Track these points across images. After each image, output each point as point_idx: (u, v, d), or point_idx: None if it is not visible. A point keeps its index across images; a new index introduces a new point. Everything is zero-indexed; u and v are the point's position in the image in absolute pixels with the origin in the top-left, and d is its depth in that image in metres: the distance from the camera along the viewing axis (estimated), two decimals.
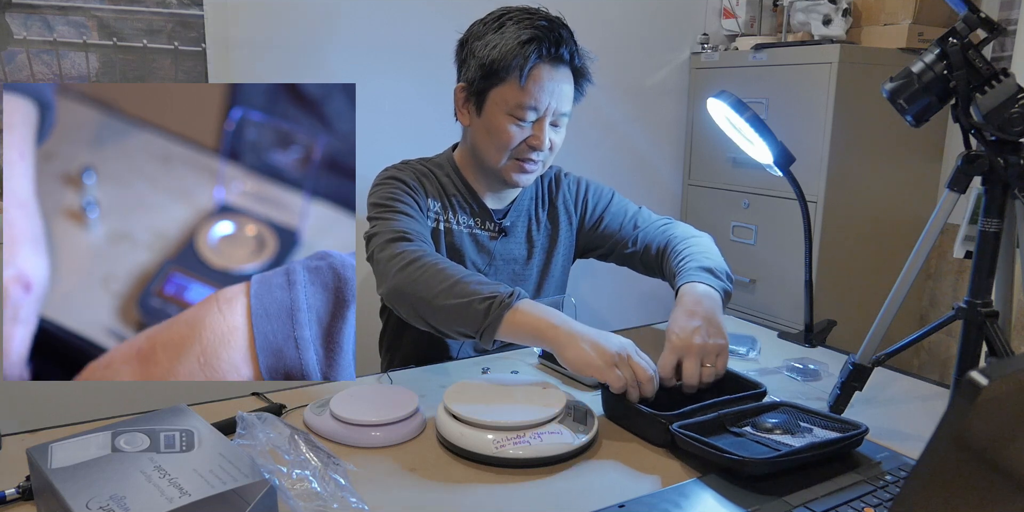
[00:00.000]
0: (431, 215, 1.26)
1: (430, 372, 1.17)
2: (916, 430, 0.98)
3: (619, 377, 0.95)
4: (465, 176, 1.32)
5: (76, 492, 0.65)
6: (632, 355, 0.97)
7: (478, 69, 1.20)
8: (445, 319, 1.03)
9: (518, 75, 1.17)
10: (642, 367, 0.96)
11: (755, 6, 2.41)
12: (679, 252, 1.27)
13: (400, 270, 1.06)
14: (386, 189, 1.23)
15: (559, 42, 1.18)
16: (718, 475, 0.84)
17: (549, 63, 1.19)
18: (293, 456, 0.79)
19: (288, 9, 1.86)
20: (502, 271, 1.35)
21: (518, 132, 1.21)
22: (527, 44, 1.16)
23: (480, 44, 1.20)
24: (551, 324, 0.99)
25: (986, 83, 0.86)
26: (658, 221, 1.39)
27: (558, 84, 1.20)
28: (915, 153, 2.30)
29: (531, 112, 1.20)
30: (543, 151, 1.23)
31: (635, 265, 1.40)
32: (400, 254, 1.08)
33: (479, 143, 1.26)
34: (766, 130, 1.19)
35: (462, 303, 1.00)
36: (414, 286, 1.04)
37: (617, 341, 0.99)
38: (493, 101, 1.21)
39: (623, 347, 0.98)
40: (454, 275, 1.03)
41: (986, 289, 0.93)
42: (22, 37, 1.62)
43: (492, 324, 0.99)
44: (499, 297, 1.00)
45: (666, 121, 2.52)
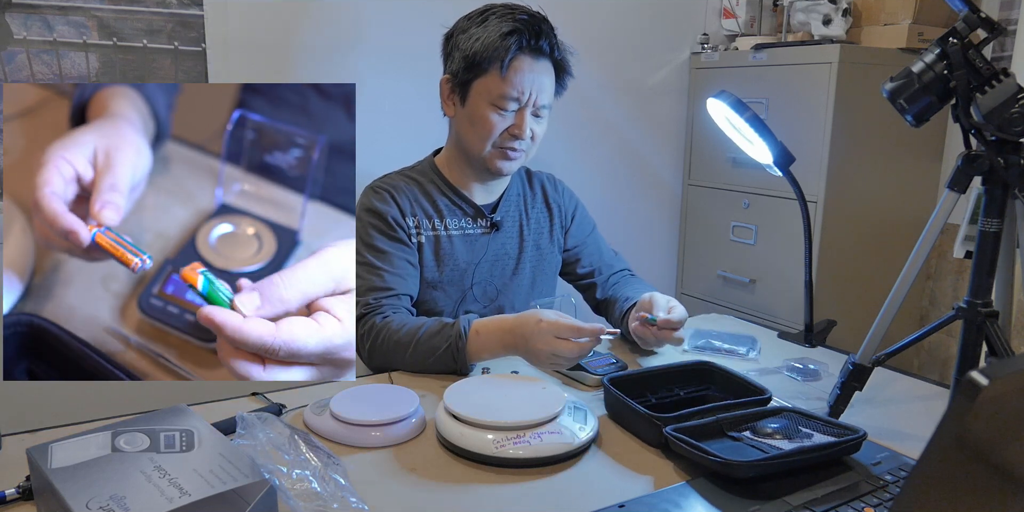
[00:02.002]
0: (413, 232, 1.30)
1: None
2: (916, 430, 0.98)
3: (571, 359, 1.06)
4: (449, 178, 1.36)
5: (76, 492, 0.65)
6: (548, 334, 1.05)
7: (462, 61, 1.25)
8: (428, 371, 1.16)
9: (499, 66, 1.22)
10: (564, 334, 1.05)
11: (755, 6, 2.41)
12: (627, 297, 1.35)
13: (369, 351, 1.18)
14: (361, 228, 1.29)
15: (539, 34, 1.24)
16: (707, 478, 0.84)
17: (530, 54, 1.24)
18: (293, 456, 0.79)
19: (288, 9, 1.86)
20: (496, 268, 1.36)
21: (500, 121, 1.26)
22: (508, 36, 1.22)
23: (464, 37, 1.25)
24: (502, 351, 1.12)
25: (986, 83, 0.86)
26: (619, 272, 1.48)
27: (538, 75, 1.25)
28: (915, 153, 2.29)
29: (512, 102, 1.25)
30: (524, 140, 1.28)
31: (582, 292, 1.50)
32: (363, 336, 1.19)
33: (463, 133, 1.30)
34: (766, 130, 1.19)
35: (432, 359, 1.14)
36: (387, 361, 1.18)
37: (533, 337, 1.06)
38: (476, 92, 1.26)
39: (538, 338, 1.06)
40: (411, 340, 1.15)
41: (986, 289, 0.93)
42: (22, 37, 1.62)
43: (462, 364, 1.13)
44: (451, 342, 1.12)
45: (666, 121, 2.52)
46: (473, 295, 1.34)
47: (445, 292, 1.32)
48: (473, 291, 1.34)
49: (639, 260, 2.52)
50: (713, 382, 1.07)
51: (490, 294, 1.36)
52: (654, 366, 1.10)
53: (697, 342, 1.29)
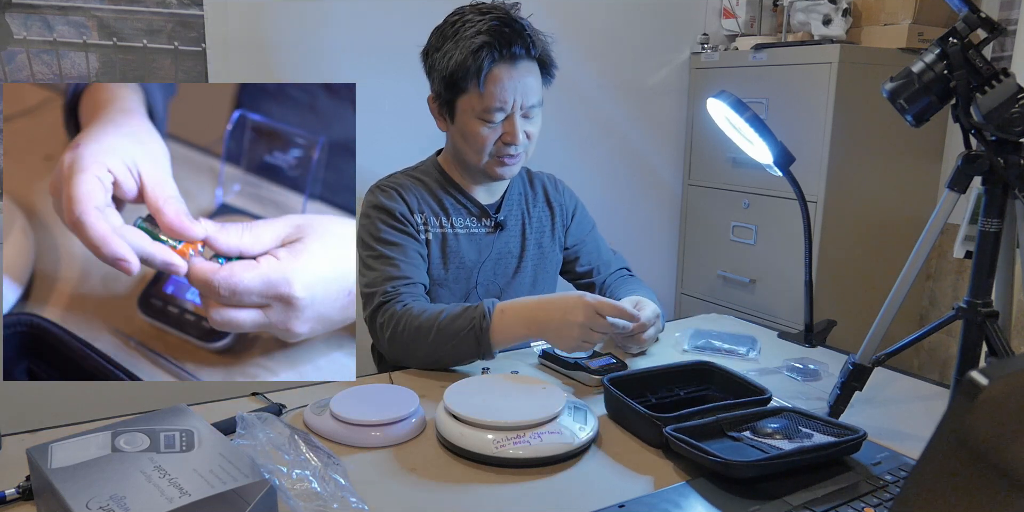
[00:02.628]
0: (421, 228, 1.30)
1: (430, 372, 1.17)
2: (916, 430, 0.98)
3: (602, 337, 1.09)
4: (453, 177, 1.36)
5: (76, 492, 0.65)
6: (590, 308, 1.07)
7: (440, 82, 1.26)
8: (450, 361, 1.15)
9: (476, 83, 1.21)
10: (605, 311, 1.08)
11: (755, 6, 2.41)
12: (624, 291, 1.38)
13: (390, 340, 1.17)
14: (370, 224, 1.28)
15: (511, 41, 1.21)
16: (707, 478, 0.84)
17: (506, 63, 1.23)
18: (293, 456, 0.79)
19: (288, 9, 1.86)
20: (499, 267, 1.36)
21: (490, 133, 1.26)
22: (478, 51, 1.20)
23: (439, 56, 1.25)
24: (525, 331, 1.12)
25: (986, 83, 0.86)
26: (617, 272, 1.49)
27: (519, 80, 1.24)
28: (915, 153, 2.30)
29: (498, 113, 1.24)
30: (519, 145, 1.28)
31: (579, 288, 1.50)
32: (382, 324, 1.17)
33: (459, 146, 1.31)
34: (766, 130, 1.19)
35: (454, 342, 1.12)
36: (407, 350, 1.16)
37: (573, 309, 1.08)
38: (461, 109, 1.26)
39: (580, 311, 1.07)
40: (432, 324, 1.13)
41: (986, 289, 0.93)
42: (22, 37, 1.62)
43: (485, 347, 1.12)
44: (475, 323, 1.11)
45: (666, 121, 2.52)
46: (477, 294, 1.35)
47: (450, 290, 1.33)
48: (477, 291, 1.35)
49: (639, 260, 2.53)
50: (713, 382, 1.07)
51: (493, 293, 1.37)
52: (654, 366, 1.10)
53: (697, 342, 1.29)
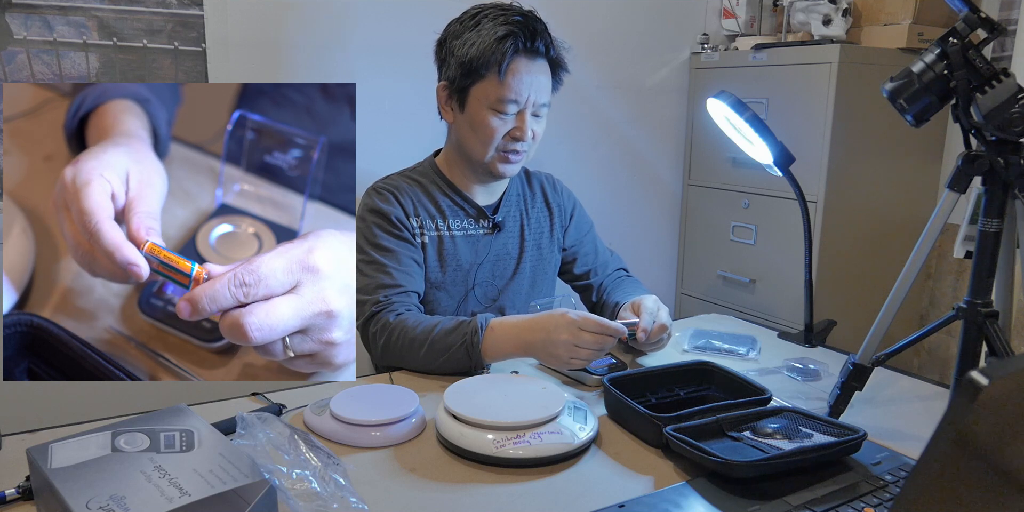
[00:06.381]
0: (417, 232, 1.30)
1: None
2: (916, 430, 0.98)
3: (591, 354, 1.07)
4: (451, 178, 1.36)
5: (76, 492, 0.65)
6: (574, 326, 1.06)
7: (458, 67, 1.25)
8: (441, 371, 1.15)
9: (497, 71, 1.22)
10: (590, 327, 1.06)
11: (755, 6, 2.41)
12: (616, 302, 1.36)
13: (383, 349, 1.17)
14: (365, 228, 1.28)
15: (534, 35, 1.23)
16: (707, 478, 0.84)
17: (526, 56, 1.24)
18: (293, 456, 0.79)
19: (288, 9, 1.86)
20: (497, 268, 1.36)
21: (501, 125, 1.26)
22: (503, 39, 1.21)
23: (458, 43, 1.24)
24: (514, 351, 1.12)
25: (986, 83, 0.86)
26: (615, 272, 1.49)
27: (536, 76, 1.25)
28: (915, 153, 2.30)
29: (512, 105, 1.24)
30: (526, 141, 1.28)
31: (579, 292, 1.50)
32: (375, 334, 1.18)
33: (464, 138, 1.30)
34: (766, 130, 1.19)
35: (446, 356, 1.13)
36: (400, 361, 1.17)
37: (556, 328, 1.07)
38: (475, 97, 1.25)
39: (563, 329, 1.06)
40: (426, 338, 1.14)
41: (986, 289, 0.93)
42: (22, 37, 1.62)
43: (476, 361, 1.12)
44: (467, 339, 1.12)
45: (666, 121, 2.52)
46: (475, 296, 1.35)
47: (447, 292, 1.32)
48: (475, 292, 1.35)
49: (639, 260, 2.53)
50: (713, 382, 1.07)
51: (491, 295, 1.36)
52: (654, 366, 1.10)
53: (697, 342, 1.29)
